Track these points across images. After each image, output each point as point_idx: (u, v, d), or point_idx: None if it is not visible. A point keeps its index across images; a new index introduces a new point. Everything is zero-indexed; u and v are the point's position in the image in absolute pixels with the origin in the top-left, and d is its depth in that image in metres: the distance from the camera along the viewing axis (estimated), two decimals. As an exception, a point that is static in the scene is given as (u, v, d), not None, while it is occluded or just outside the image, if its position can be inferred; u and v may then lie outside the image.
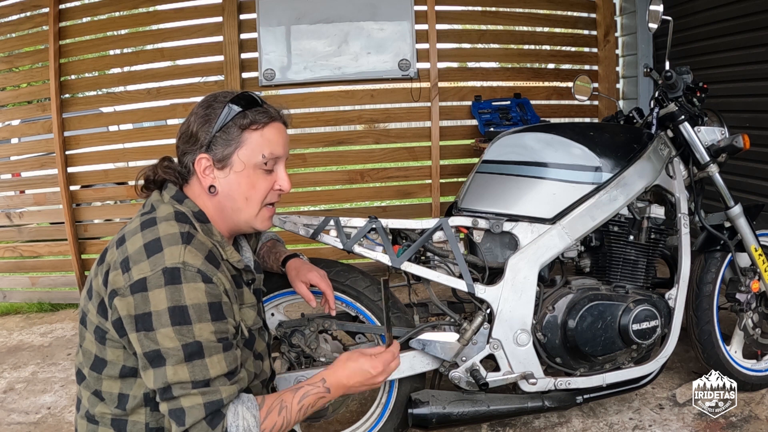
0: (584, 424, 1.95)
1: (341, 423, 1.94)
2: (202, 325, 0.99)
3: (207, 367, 1.00)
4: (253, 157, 1.13)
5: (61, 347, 2.96)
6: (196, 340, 0.99)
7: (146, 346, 0.99)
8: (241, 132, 1.12)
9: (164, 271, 0.98)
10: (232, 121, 1.11)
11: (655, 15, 1.87)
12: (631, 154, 1.79)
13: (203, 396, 1.00)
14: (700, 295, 1.96)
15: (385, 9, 3.40)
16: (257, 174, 1.15)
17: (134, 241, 1.03)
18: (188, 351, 0.99)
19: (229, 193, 1.14)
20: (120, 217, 3.82)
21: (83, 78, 3.60)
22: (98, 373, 1.08)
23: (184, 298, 0.98)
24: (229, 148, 1.11)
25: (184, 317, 0.98)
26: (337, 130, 3.68)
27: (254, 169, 1.14)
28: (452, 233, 1.68)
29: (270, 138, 1.15)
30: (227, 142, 1.11)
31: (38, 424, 2.19)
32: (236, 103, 1.12)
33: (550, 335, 1.71)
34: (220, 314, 1.03)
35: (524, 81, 3.71)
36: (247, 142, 1.12)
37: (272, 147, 1.15)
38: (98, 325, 1.06)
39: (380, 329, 1.70)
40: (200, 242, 1.05)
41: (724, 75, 2.96)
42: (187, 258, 1.00)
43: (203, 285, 1.00)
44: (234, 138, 1.11)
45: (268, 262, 1.57)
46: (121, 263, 1.02)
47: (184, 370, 0.99)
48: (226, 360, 1.03)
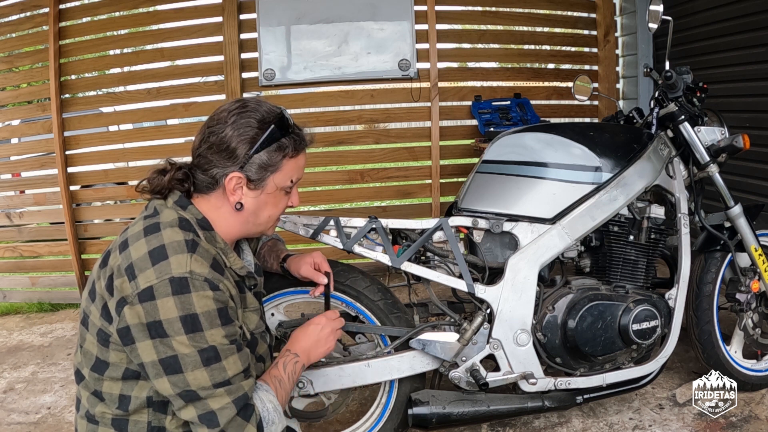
0: (584, 424, 1.95)
1: (341, 423, 1.94)
2: (214, 330, 1.01)
3: (225, 369, 1.02)
4: (285, 181, 1.17)
5: (61, 347, 2.96)
6: (211, 345, 1.01)
7: (162, 352, 0.99)
8: (281, 159, 1.14)
9: (171, 280, 0.99)
10: (276, 147, 1.12)
11: (655, 15, 1.87)
12: (631, 154, 1.79)
13: (229, 394, 1.03)
14: (700, 295, 1.96)
15: (385, 9, 3.40)
16: (280, 195, 1.19)
17: (138, 246, 1.03)
18: (205, 356, 1.01)
19: (255, 211, 1.17)
20: (120, 217, 3.83)
21: (83, 78, 3.60)
22: (99, 374, 1.08)
23: (194, 306, 0.99)
24: (266, 172, 1.13)
25: (195, 325, 0.99)
26: (337, 130, 3.68)
27: (281, 191, 1.18)
28: (452, 233, 1.68)
29: (301, 165, 1.21)
30: (266, 167, 1.13)
31: (38, 424, 2.19)
32: (279, 126, 1.12)
33: (550, 335, 1.71)
34: (228, 318, 1.05)
35: (524, 81, 3.71)
36: (284, 168, 1.15)
37: (300, 172, 1.22)
38: (101, 328, 1.06)
39: (380, 329, 1.70)
40: (204, 250, 1.06)
41: (724, 75, 2.96)
42: (194, 267, 1.01)
43: (211, 293, 1.02)
44: (274, 164, 1.13)
45: (268, 262, 1.57)
46: (125, 270, 1.02)
47: (204, 374, 1.01)
48: (240, 359, 1.06)
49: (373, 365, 1.66)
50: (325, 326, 1.33)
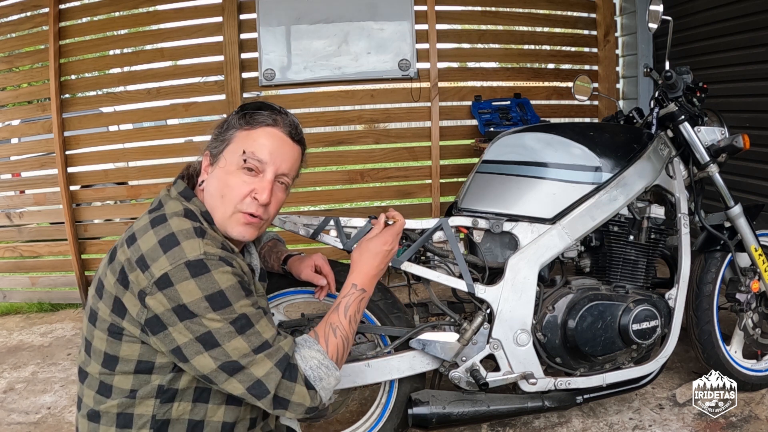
0: (584, 424, 1.95)
1: (341, 423, 1.94)
2: (241, 302, 1.04)
3: (260, 333, 1.05)
4: (236, 152, 1.14)
5: (61, 347, 2.96)
6: (242, 314, 1.03)
7: (195, 330, 1.01)
8: (235, 131, 1.16)
9: (188, 264, 1.01)
10: (232, 121, 1.18)
11: (655, 15, 1.87)
12: (631, 154, 1.79)
13: (270, 358, 1.04)
14: (700, 295, 1.96)
15: (385, 9, 3.40)
16: (237, 174, 1.13)
17: (146, 238, 1.04)
18: (238, 325, 1.03)
19: (209, 189, 1.16)
20: (120, 217, 3.83)
21: (83, 78, 3.60)
22: (110, 370, 1.08)
23: (217, 283, 1.02)
24: (221, 145, 1.17)
25: (223, 300, 1.02)
26: (337, 130, 3.68)
27: (236, 168, 1.14)
28: (452, 233, 1.68)
29: (256, 138, 1.15)
30: (222, 141, 1.17)
31: (38, 424, 2.19)
32: (246, 107, 1.18)
33: (550, 335, 1.71)
34: (249, 290, 1.08)
35: (524, 81, 3.71)
36: (234, 139, 1.16)
37: (255, 147, 1.13)
38: (113, 323, 1.06)
39: (380, 329, 1.70)
40: (213, 236, 1.08)
41: (724, 75, 2.96)
42: (207, 249, 1.03)
43: (229, 268, 1.04)
44: (228, 137, 1.17)
45: (269, 262, 1.57)
46: (137, 262, 1.02)
47: (242, 342, 1.02)
48: (270, 322, 1.09)
49: (373, 365, 1.66)
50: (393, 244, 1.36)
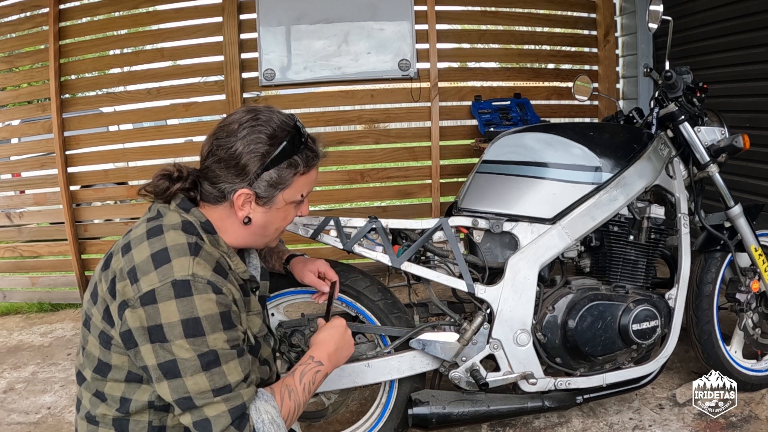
0: (584, 424, 1.95)
1: (341, 423, 1.94)
2: (216, 335, 0.99)
3: (225, 374, 1.00)
4: (294, 196, 1.15)
5: (61, 347, 2.96)
6: (212, 349, 0.99)
7: (161, 356, 0.98)
8: (292, 176, 1.12)
9: (174, 283, 0.98)
10: (287, 164, 1.10)
11: (655, 15, 1.87)
12: (631, 154, 1.79)
13: (226, 402, 1.00)
14: (700, 295, 1.96)
15: (385, 9, 3.40)
16: (290, 208, 1.18)
17: (141, 249, 1.02)
18: (205, 360, 0.98)
19: (263, 225, 1.15)
20: (120, 218, 3.83)
21: (83, 78, 3.60)
22: (102, 376, 1.07)
23: (196, 309, 0.98)
24: (275, 190, 1.11)
25: (197, 329, 0.98)
26: (337, 130, 3.68)
27: (290, 204, 1.17)
28: (452, 233, 1.68)
29: (312, 179, 1.18)
30: (276, 185, 1.11)
31: (38, 424, 2.19)
32: (291, 142, 1.10)
33: (550, 335, 1.71)
34: (231, 323, 1.03)
35: (524, 81, 3.71)
36: (294, 185, 1.13)
37: (311, 187, 1.19)
38: (103, 330, 1.05)
39: (380, 329, 1.70)
40: (208, 253, 1.04)
41: (724, 75, 2.96)
42: (197, 270, 1.00)
43: (214, 296, 1.00)
44: (285, 182, 1.11)
45: (270, 262, 1.57)
46: (128, 273, 1.01)
47: (203, 379, 0.99)
48: (241, 365, 1.04)
49: (373, 365, 1.66)
50: (346, 328, 1.28)
